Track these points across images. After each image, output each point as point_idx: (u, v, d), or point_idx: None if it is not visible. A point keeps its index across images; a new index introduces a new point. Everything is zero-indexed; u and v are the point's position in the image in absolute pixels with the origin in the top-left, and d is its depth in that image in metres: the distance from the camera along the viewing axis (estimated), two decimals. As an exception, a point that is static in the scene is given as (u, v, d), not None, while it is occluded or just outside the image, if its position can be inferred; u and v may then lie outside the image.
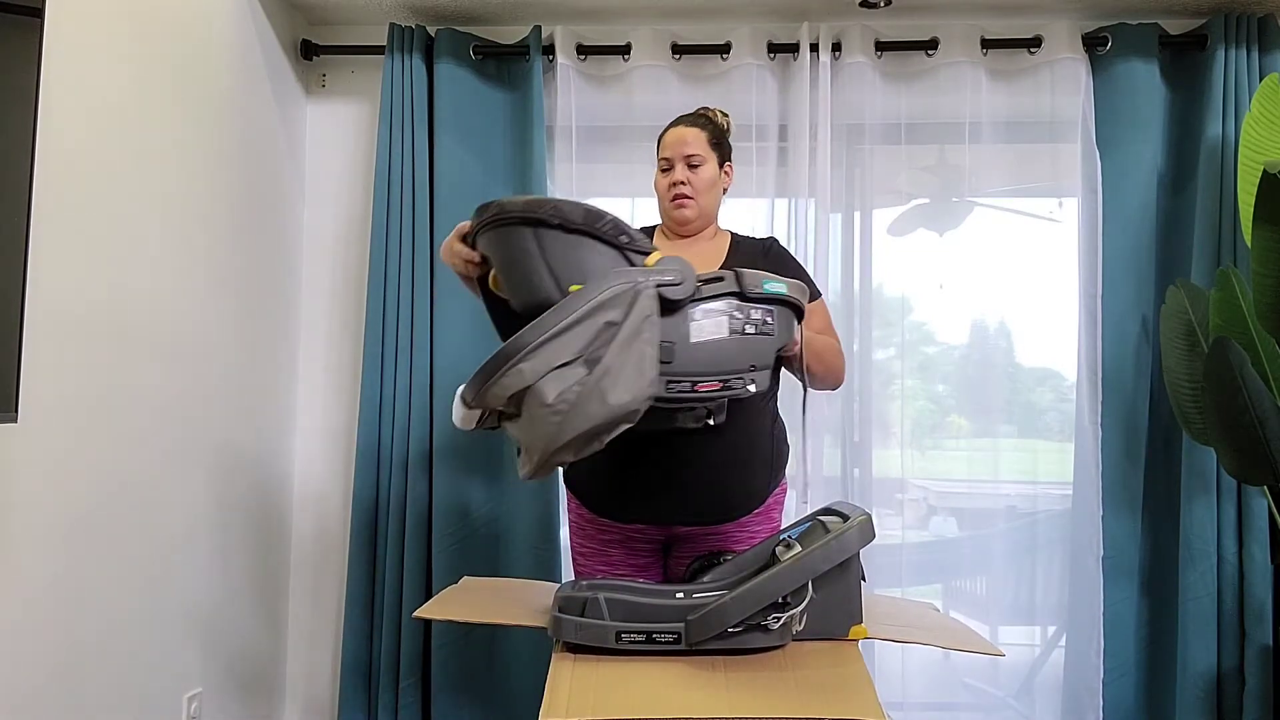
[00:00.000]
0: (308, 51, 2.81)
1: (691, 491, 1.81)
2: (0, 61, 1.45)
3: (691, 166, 1.92)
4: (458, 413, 1.41)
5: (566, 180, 2.72)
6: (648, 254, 1.48)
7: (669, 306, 1.41)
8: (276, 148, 2.67)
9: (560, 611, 1.41)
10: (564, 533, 2.59)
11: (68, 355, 1.81)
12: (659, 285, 1.39)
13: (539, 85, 2.68)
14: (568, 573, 2.50)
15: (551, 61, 2.72)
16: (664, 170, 1.95)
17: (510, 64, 2.76)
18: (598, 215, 1.46)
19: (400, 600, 2.61)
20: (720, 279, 1.47)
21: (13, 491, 1.69)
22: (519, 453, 1.46)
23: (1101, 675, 2.53)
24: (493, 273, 1.59)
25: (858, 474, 2.73)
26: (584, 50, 2.74)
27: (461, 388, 1.39)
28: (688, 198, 1.91)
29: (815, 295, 1.88)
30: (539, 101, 2.67)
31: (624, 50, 2.72)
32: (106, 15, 1.91)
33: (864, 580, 1.48)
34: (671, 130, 1.97)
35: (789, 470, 1.97)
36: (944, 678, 2.76)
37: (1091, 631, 2.54)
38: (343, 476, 2.79)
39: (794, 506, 2.04)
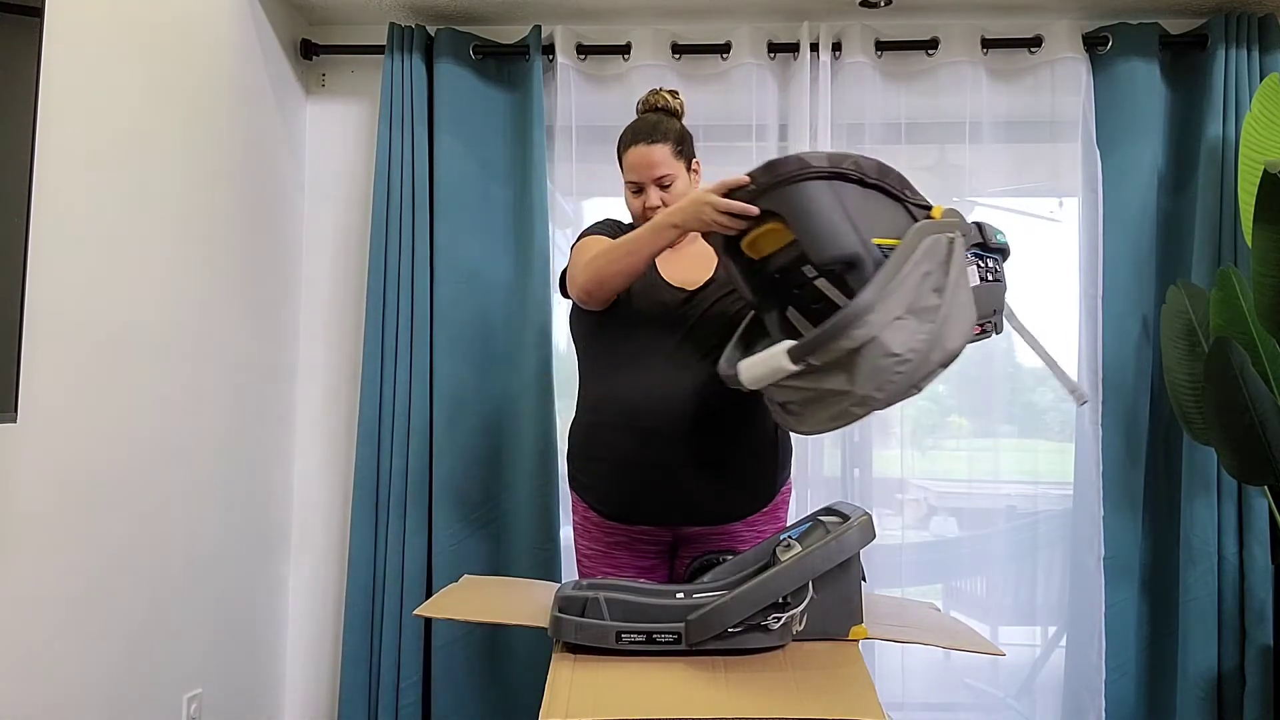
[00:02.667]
0: (308, 51, 2.81)
1: (700, 492, 1.82)
2: (0, 61, 1.44)
3: (663, 187, 1.88)
4: (769, 367, 1.45)
5: (566, 180, 2.72)
6: (928, 208, 1.53)
7: None
8: (276, 148, 2.67)
9: (560, 611, 1.40)
10: (564, 532, 2.59)
11: (68, 355, 1.81)
12: (963, 236, 1.49)
13: (539, 85, 2.68)
14: (568, 573, 2.50)
15: (551, 61, 2.72)
16: (634, 193, 1.90)
17: (510, 64, 2.76)
18: (887, 170, 1.52)
19: (400, 600, 2.61)
20: (969, 230, 1.54)
21: (13, 491, 1.69)
22: (783, 409, 1.54)
23: (1103, 675, 2.52)
24: (755, 234, 1.59)
25: (858, 474, 2.73)
26: (584, 50, 2.74)
27: (787, 344, 1.43)
28: None
29: None
30: (539, 101, 2.67)
31: (624, 50, 2.72)
32: (106, 15, 1.91)
33: (864, 580, 1.48)
34: (633, 150, 1.88)
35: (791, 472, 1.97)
36: (944, 678, 2.76)
37: (1092, 631, 2.53)
38: (343, 475, 2.79)
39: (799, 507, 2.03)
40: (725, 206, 1.57)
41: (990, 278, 1.54)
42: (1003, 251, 1.59)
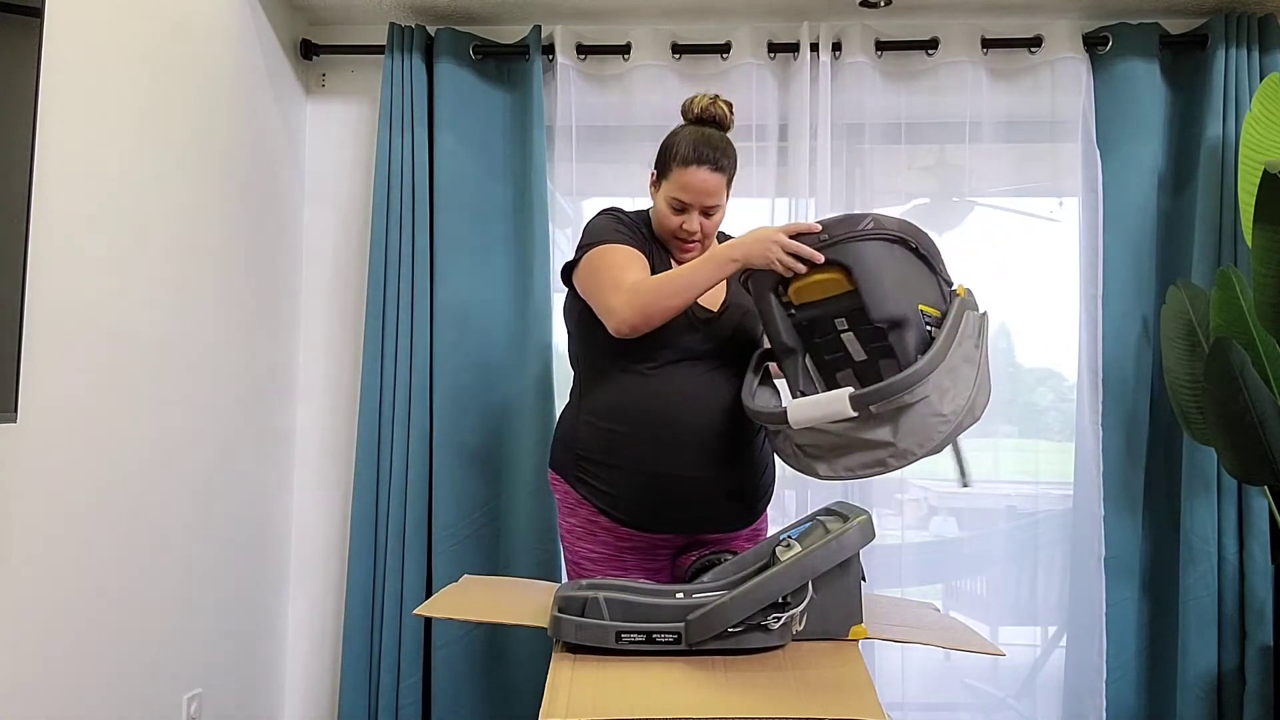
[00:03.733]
0: (308, 51, 2.81)
1: (727, 502, 1.86)
2: (0, 61, 1.44)
3: (707, 215, 1.86)
4: (825, 410, 1.54)
5: (567, 180, 2.72)
6: (951, 284, 1.66)
7: None
8: (276, 148, 2.67)
9: (560, 611, 1.40)
10: (564, 533, 2.59)
11: (68, 355, 1.81)
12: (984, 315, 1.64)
13: (539, 85, 2.68)
14: (568, 573, 2.50)
15: (551, 61, 2.72)
16: (675, 210, 1.85)
17: (510, 64, 2.76)
18: (933, 244, 1.65)
19: (400, 600, 2.61)
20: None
21: (13, 491, 1.69)
22: (801, 451, 1.63)
23: (1103, 675, 2.52)
24: (807, 280, 1.63)
25: (858, 474, 2.72)
26: (584, 50, 2.74)
27: (847, 391, 1.52)
28: (696, 243, 1.88)
29: None
30: (539, 101, 2.67)
31: (624, 50, 2.72)
32: (106, 15, 1.91)
33: (864, 580, 1.48)
34: (696, 172, 1.81)
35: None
36: (944, 678, 2.76)
37: (1092, 632, 2.53)
38: (343, 475, 2.79)
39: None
40: (794, 249, 1.60)
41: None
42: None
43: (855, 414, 1.50)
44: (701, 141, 1.84)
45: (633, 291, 1.72)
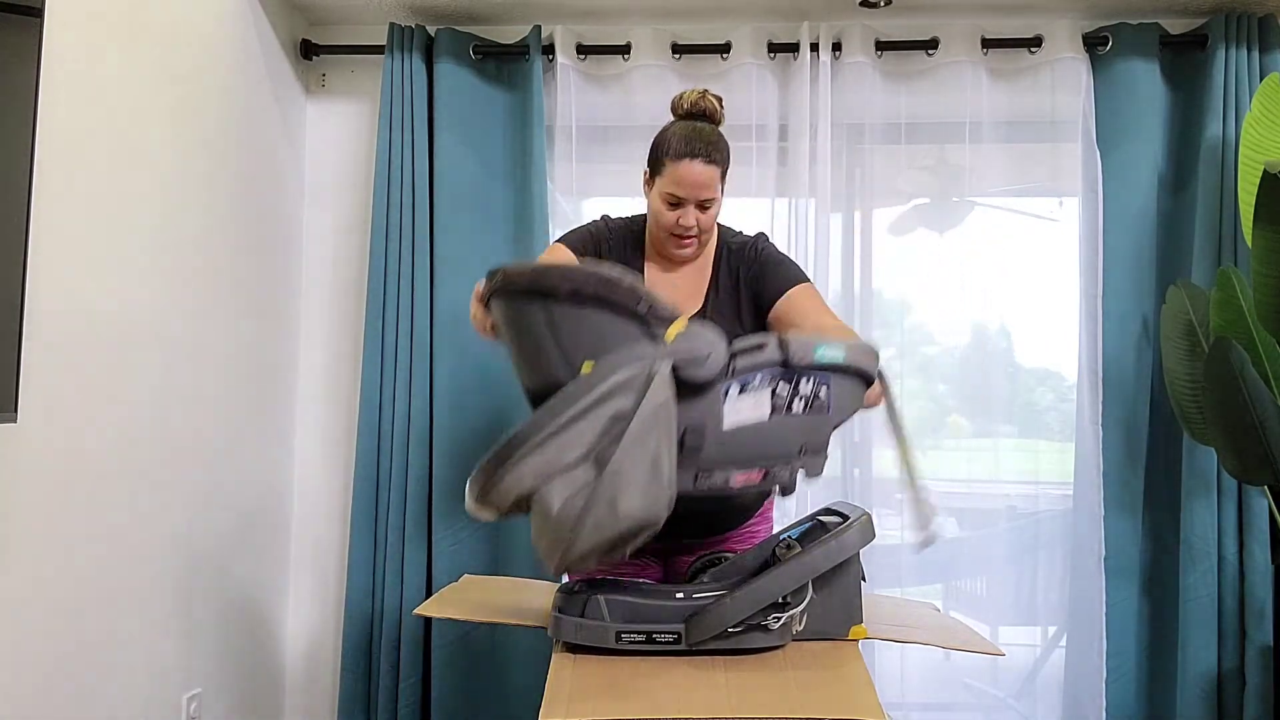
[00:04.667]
0: (308, 51, 2.81)
1: (708, 510, 1.81)
2: (0, 61, 1.44)
3: (703, 209, 1.81)
4: (469, 504, 1.27)
5: (566, 180, 2.72)
6: (669, 321, 1.27)
7: (696, 387, 1.24)
8: (276, 148, 2.67)
9: (560, 611, 1.40)
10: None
11: (68, 355, 1.81)
12: (676, 367, 1.22)
13: (539, 85, 2.68)
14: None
15: (551, 61, 2.72)
16: (670, 205, 1.80)
17: (510, 64, 2.76)
18: (613, 282, 1.26)
19: (400, 599, 2.61)
20: (760, 347, 1.29)
21: (13, 491, 1.69)
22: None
23: (1103, 675, 2.52)
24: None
25: (858, 474, 2.72)
26: (584, 50, 2.74)
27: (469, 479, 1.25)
28: (694, 238, 1.85)
29: (803, 280, 1.81)
30: (539, 101, 2.67)
31: (624, 50, 2.72)
32: (106, 15, 1.91)
33: (864, 580, 1.48)
34: (687, 165, 1.76)
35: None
36: (944, 678, 2.76)
37: (1092, 631, 2.54)
38: (342, 475, 2.79)
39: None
40: (475, 312, 1.46)
41: (801, 407, 1.30)
42: (843, 370, 1.35)
43: (477, 503, 1.23)
44: (693, 135, 1.82)
45: None
